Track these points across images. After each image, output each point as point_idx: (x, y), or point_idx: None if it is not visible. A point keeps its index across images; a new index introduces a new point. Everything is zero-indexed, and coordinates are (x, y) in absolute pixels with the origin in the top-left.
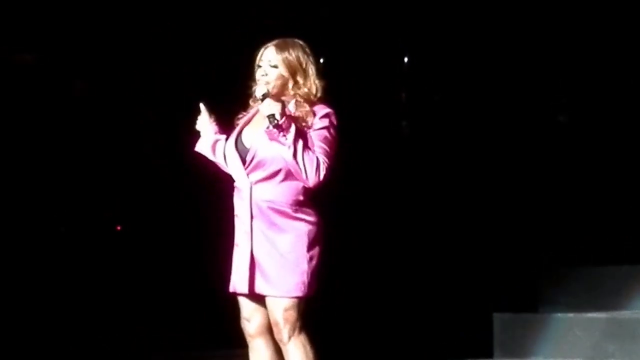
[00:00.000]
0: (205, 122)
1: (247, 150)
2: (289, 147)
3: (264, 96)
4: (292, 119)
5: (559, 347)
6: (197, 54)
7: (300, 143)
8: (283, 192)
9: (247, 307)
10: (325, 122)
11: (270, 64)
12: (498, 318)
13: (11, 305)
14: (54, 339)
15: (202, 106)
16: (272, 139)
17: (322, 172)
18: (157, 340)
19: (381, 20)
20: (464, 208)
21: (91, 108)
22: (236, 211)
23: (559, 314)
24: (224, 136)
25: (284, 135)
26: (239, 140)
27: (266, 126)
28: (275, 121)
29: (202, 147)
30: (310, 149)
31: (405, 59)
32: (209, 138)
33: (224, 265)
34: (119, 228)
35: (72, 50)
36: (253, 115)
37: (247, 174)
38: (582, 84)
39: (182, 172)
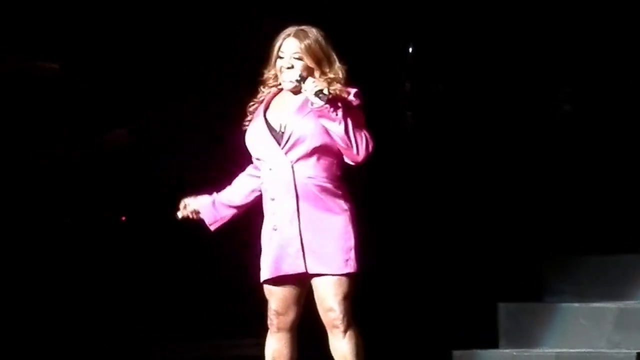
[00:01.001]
0: (194, 205)
1: (278, 132)
2: (340, 122)
3: (301, 78)
4: (335, 96)
5: (564, 337)
6: (197, 54)
7: (349, 118)
8: (324, 168)
9: (282, 302)
10: (357, 100)
11: (295, 56)
12: (503, 307)
13: (11, 302)
14: (56, 335)
15: (181, 213)
16: (321, 115)
17: (370, 146)
18: (161, 332)
19: (385, 10)
20: (469, 197)
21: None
22: (271, 194)
23: (565, 304)
24: (210, 196)
25: (334, 111)
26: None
27: (310, 104)
28: (326, 96)
29: (209, 219)
30: (356, 124)
31: (410, 49)
32: (205, 210)
33: (225, 258)
34: (124, 218)
35: (77, 48)
36: (269, 101)
37: (286, 154)
38: (588, 73)
39: (184, 169)
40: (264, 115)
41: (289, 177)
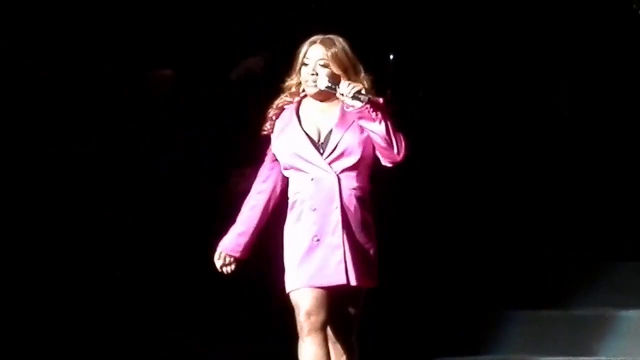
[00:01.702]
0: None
1: (317, 142)
2: (380, 121)
3: (332, 84)
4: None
5: (543, 344)
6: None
7: (387, 118)
8: (364, 180)
9: (314, 301)
10: (386, 107)
11: (320, 62)
12: (483, 315)
13: (11, 302)
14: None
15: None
16: (361, 117)
17: (407, 145)
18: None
19: (365, 17)
20: (456, 204)
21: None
22: (312, 205)
23: (544, 311)
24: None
25: (374, 111)
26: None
27: (346, 107)
28: (365, 96)
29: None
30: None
31: (391, 56)
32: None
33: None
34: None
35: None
36: (297, 110)
37: (329, 164)
38: (583, 78)
39: (189, 171)
40: (301, 126)
41: (335, 188)
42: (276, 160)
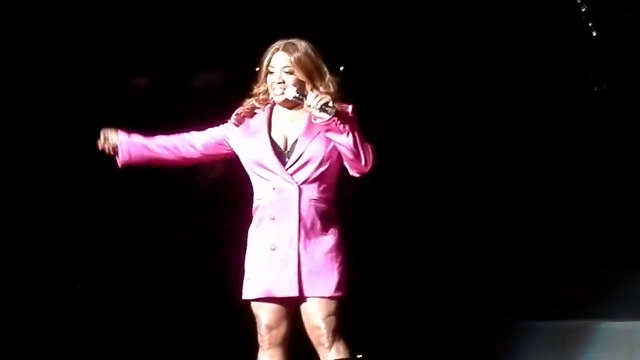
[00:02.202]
0: (113, 140)
1: (283, 152)
2: (347, 133)
3: (300, 94)
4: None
5: (519, 355)
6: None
7: (355, 129)
8: (326, 191)
9: (273, 315)
10: (355, 115)
11: (285, 70)
12: (442, 325)
13: (11, 301)
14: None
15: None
16: (329, 129)
17: (375, 156)
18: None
19: (316, 28)
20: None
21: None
22: (272, 214)
23: (519, 322)
24: (125, 135)
25: (341, 123)
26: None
27: (314, 119)
28: (333, 109)
29: (122, 158)
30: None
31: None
32: (122, 147)
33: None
34: None
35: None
36: (269, 118)
37: (291, 175)
38: (583, 78)
39: (188, 175)
40: (269, 134)
41: (294, 199)
42: (215, 143)
